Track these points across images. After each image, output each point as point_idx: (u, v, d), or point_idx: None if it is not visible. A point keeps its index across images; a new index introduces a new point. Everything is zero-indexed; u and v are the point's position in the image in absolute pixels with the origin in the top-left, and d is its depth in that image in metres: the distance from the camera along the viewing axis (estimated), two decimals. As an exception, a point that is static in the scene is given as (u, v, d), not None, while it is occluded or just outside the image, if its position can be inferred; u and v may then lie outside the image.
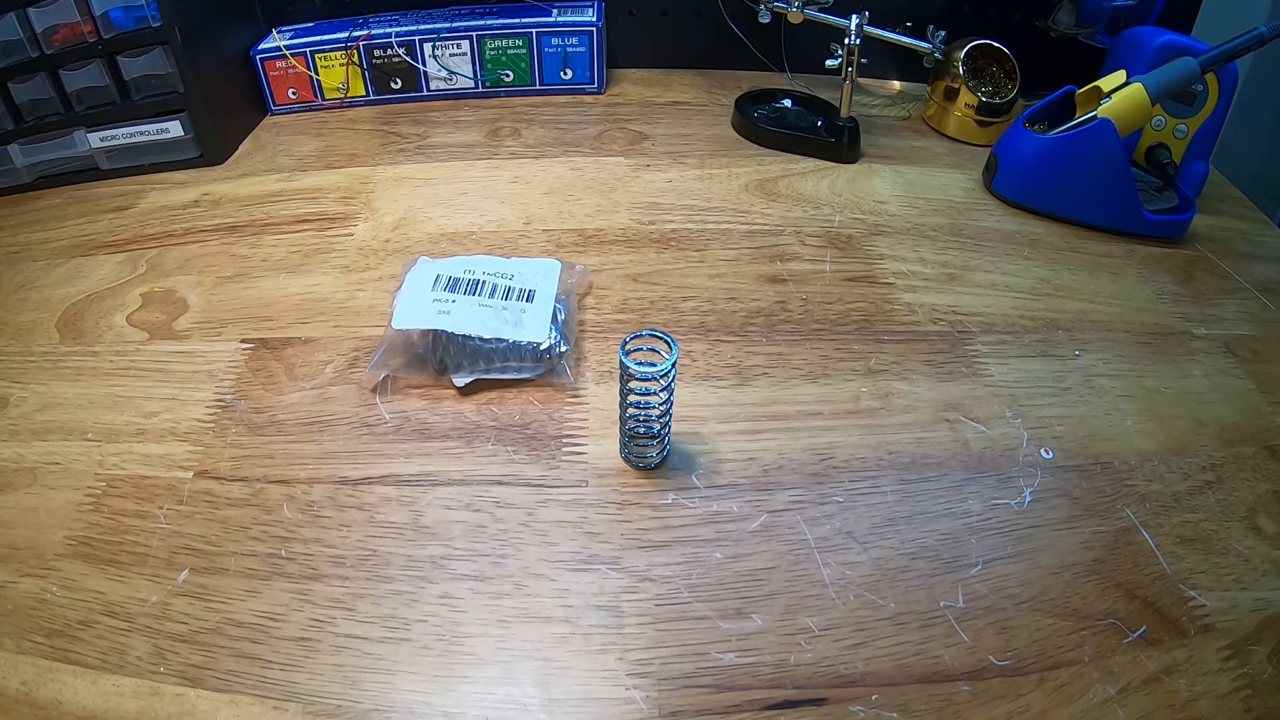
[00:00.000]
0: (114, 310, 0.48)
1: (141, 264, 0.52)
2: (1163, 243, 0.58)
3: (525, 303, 0.45)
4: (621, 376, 0.34)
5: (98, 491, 0.37)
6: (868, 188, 0.62)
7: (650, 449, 0.38)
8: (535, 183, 0.60)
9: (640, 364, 0.34)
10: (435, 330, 0.43)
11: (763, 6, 0.67)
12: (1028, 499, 0.39)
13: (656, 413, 0.36)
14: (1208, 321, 0.51)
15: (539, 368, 0.44)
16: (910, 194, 0.62)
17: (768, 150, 0.66)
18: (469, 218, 0.56)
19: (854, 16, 0.62)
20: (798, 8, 0.65)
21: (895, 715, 0.30)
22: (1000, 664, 0.32)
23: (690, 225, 0.56)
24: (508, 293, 0.46)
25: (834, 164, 0.65)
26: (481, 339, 0.43)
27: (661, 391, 0.35)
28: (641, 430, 0.37)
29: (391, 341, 0.44)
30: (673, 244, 0.54)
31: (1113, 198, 0.57)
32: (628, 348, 0.34)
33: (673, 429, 0.41)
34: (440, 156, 0.63)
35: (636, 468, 0.39)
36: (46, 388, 0.43)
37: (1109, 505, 0.39)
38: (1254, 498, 0.40)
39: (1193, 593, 0.35)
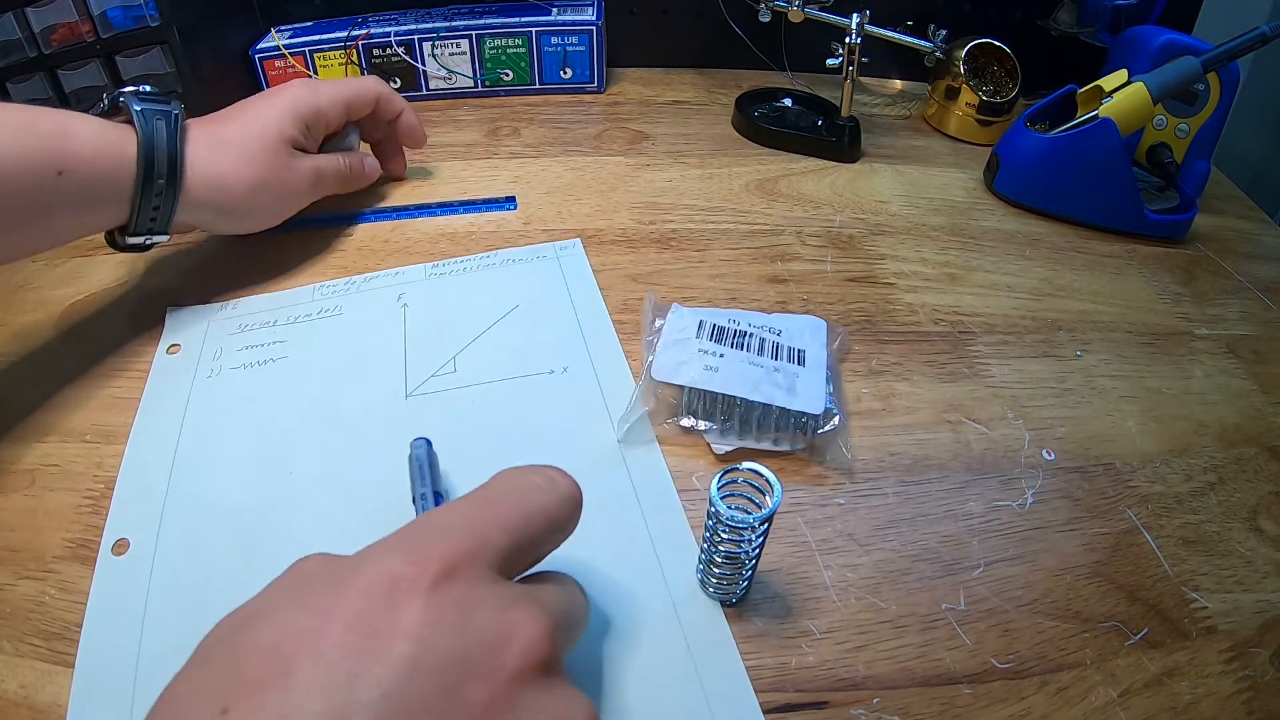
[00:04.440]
0: (113, 311, 0.48)
1: (140, 264, 0.51)
2: (1164, 243, 0.58)
3: (798, 365, 0.40)
4: (710, 514, 0.29)
5: (96, 494, 0.37)
6: (868, 187, 0.62)
7: (735, 587, 0.33)
8: (535, 182, 0.60)
9: (735, 509, 0.28)
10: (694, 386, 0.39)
11: (763, 5, 0.67)
12: (1029, 501, 0.39)
13: (747, 558, 0.31)
14: (1209, 322, 0.51)
15: (802, 442, 0.39)
16: (911, 193, 0.61)
17: (768, 150, 0.66)
18: (468, 217, 0.56)
19: (855, 15, 0.62)
20: (798, 6, 0.65)
21: (897, 718, 0.30)
22: (1002, 667, 0.32)
23: (690, 225, 0.56)
24: (777, 350, 0.41)
25: (835, 163, 0.65)
26: (749, 402, 0.38)
27: (757, 537, 0.30)
28: (729, 572, 0.31)
29: (644, 392, 0.39)
30: (673, 244, 0.54)
31: (1114, 197, 0.57)
32: (721, 483, 0.29)
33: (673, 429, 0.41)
34: (440, 156, 0.63)
35: (718, 601, 0.33)
36: (45, 389, 0.43)
37: (1111, 507, 0.39)
38: (1256, 499, 0.40)
39: (1195, 595, 0.35)
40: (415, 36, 0.68)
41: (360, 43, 0.67)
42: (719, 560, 0.31)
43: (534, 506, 0.25)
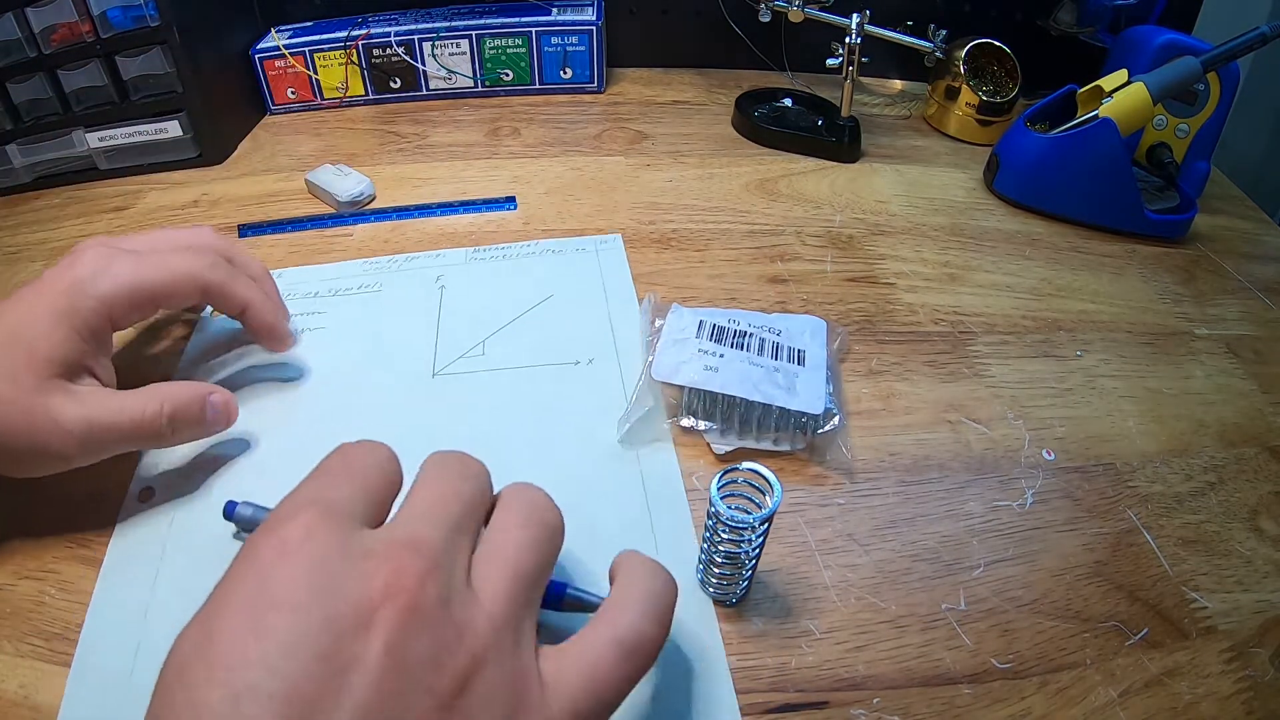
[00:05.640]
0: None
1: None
2: (1164, 242, 0.58)
3: (798, 365, 0.40)
4: (710, 514, 0.30)
5: (97, 493, 0.37)
6: (868, 187, 0.62)
7: (735, 587, 0.33)
8: (535, 182, 0.60)
9: (734, 509, 0.28)
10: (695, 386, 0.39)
11: (763, 5, 0.67)
12: (1029, 501, 0.39)
13: (747, 558, 0.31)
14: (1209, 322, 0.51)
15: (802, 442, 0.39)
16: (911, 193, 0.61)
17: (768, 150, 0.66)
18: (468, 217, 0.56)
19: (855, 15, 0.62)
20: (798, 6, 0.65)
21: (897, 718, 0.30)
22: (1002, 667, 0.32)
23: (690, 225, 0.56)
24: (777, 350, 0.41)
25: (834, 163, 0.65)
26: (749, 402, 0.38)
27: (757, 537, 0.30)
28: (729, 572, 0.32)
29: (644, 392, 0.40)
30: (673, 244, 0.54)
31: (1114, 197, 0.57)
32: (721, 483, 0.29)
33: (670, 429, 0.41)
34: (440, 156, 0.63)
35: (718, 601, 0.33)
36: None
37: (1111, 507, 0.39)
38: (1256, 499, 0.40)
39: (1195, 595, 0.35)
40: (415, 36, 0.68)
41: (360, 43, 0.67)
42: (719, 560, 0.31)
43: (368, 465, 0.26)
